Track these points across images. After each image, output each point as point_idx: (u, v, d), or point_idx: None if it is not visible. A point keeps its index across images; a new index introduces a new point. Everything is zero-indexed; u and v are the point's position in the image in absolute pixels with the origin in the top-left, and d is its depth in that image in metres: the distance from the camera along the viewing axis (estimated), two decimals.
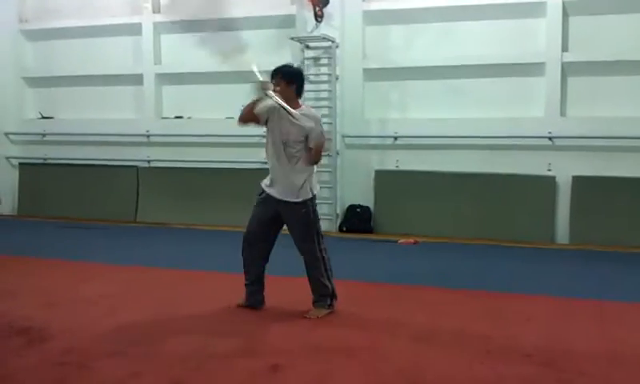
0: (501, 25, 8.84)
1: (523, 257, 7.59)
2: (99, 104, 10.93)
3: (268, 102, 4.77)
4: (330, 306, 4.99)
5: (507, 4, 8.72)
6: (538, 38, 8.66)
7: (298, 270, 5.12)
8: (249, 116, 4.89)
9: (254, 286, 5.08)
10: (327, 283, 4.98)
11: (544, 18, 8.55)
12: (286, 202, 4.84)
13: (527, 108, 8.77)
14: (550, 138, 8.49)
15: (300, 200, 4.83)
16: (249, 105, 4.88)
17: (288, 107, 4.72)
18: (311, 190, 4.90)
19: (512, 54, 8.73)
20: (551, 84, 8.55)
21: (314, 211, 4.95)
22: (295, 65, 9.21)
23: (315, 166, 4.94)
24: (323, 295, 4.98)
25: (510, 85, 8.87)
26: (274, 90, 4.78)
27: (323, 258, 5.00)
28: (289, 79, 4.89)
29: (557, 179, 8.51)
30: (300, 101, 4.99)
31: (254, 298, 5.09)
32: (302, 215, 4.86)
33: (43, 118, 11.32)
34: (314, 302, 5.00)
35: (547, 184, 8.53)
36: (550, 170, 8.52)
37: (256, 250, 5.01)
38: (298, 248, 4.98)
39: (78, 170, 10.86)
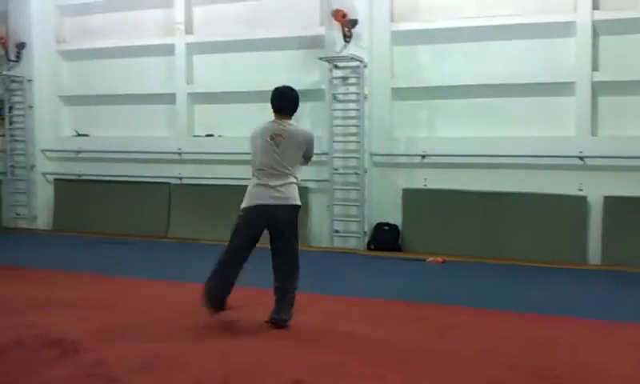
0: (530, 44, 8.82)
1: (553, 278, 7.50)
2: (133, 122, 11.18)
3: None
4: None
5: (536, 24, 8.70)
6: (567, 57, 8.61)
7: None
8: None
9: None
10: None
11: (574, 38, 8.50)
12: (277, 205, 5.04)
13: (558, 127, 8.70)
14: (580, 158, 8.41)
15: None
16: None
17: None
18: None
19: (542, 74, 8.69)
20: (582, 103, 8.48)
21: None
22: (323, 85, 9.39)
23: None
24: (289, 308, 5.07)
25: (540, 104, 8.82)
26: None
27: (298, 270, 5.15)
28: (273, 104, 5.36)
29: (588, 199, 8.40)
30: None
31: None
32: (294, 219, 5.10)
33: (78, 135, 11.60)
34: (282, 316, 5.04)
35: (578, 204, 8.42)
36: (581, 190, 8.42)
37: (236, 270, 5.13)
38: (287, 249, 5.06)
39: (111, 186, 11.10)
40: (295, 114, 5.42)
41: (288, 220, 5.07)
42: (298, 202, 5.14)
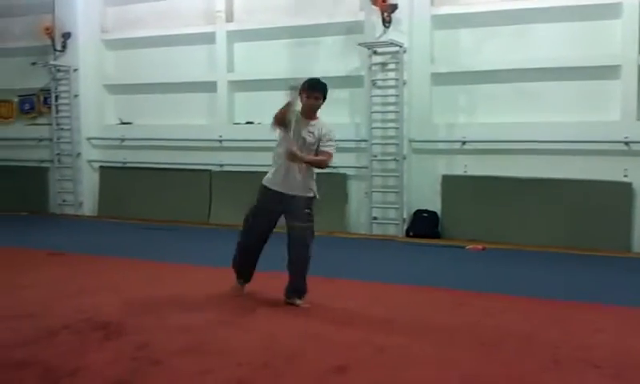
0: (574, 27, 8.64)
1: (596, 266, 7.37)
2: (175, 110, 11.36)
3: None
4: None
5: (581, 5, 8.51)
6: (613, 39, 8.40)
7: (335, 271, 5.14)
8: (282, 120, 5.25)
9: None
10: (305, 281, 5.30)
11: (619, 19, 8.29)
12: (293, 195, 5.25)
13: (602, 112, 8.51)
14: (626, 143, 8.21)
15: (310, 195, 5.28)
16: (283, 109, 5.20)
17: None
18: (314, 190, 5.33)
19: (586, 57, 8.50)
20: (628, 87, 8.28)
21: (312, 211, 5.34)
22: (362, 71, 9.37)
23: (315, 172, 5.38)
24: (297, 290, 5.31)
25: (584, 88, 8.63)
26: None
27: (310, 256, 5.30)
28: (325, 97, 5.37)
29: (633, 186, 8.21)
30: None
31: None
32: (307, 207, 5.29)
33: (122, 123, 11.85)
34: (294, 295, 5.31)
35: (623, 190, 8.24)
36: (626, 176, 8.24)
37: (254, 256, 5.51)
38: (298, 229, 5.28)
39: (154, 173, 11.32)
40: (330, 102, 5.58)
41: None
42: None
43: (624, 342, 4.52)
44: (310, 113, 5.35)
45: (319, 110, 5.40)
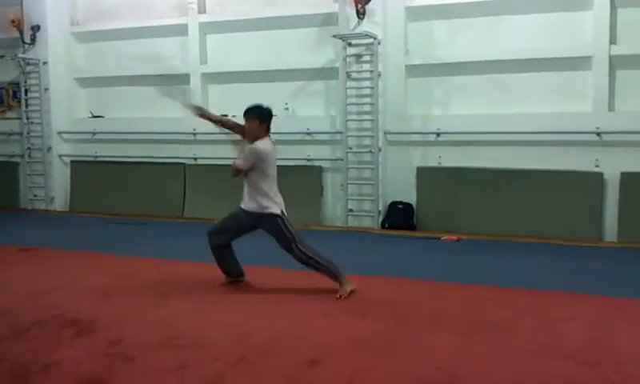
0: (546, 18, 8.69)
1: (569, 255, 7.45)
2: (147, 103, 11.16)
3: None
4: (343, 280, 5.47)
5: None
6: (584, 30, 8.47)
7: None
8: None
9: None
10: (326, 269, 5.49)
11: (591, 11, 8.35)
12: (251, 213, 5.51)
13: (574, 103, 8.58)
14: (597, 134, 8.30)
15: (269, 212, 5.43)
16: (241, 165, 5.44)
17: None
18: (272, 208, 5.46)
19: (558, 48, 8.56)
20: (599, 78, 8.36)
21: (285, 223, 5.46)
22: (337, 63, 9.36)
23: (271, 189, 5.48)
24: (334, 276, 5.48)
25: (556, 79, 8.70)
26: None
27: (308, 255, 5.46)
28: (260, 120, 5.53)
29: (605, 176, 8.31)
30: (269, 135, 5.60)
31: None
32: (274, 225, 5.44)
33: (94, 117, 11.67)
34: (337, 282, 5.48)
35: (595, 180, 8.34)
36: (597, 166, 8.34)
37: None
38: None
39: (127, 167, 11.17)
40: (305, 94, 5.63)
41: None
42: None
43: (599, 331, 4.57)
44: (249, 137, 5.55)
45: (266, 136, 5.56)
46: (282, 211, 5.45)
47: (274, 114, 5.67)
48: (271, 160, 5.49)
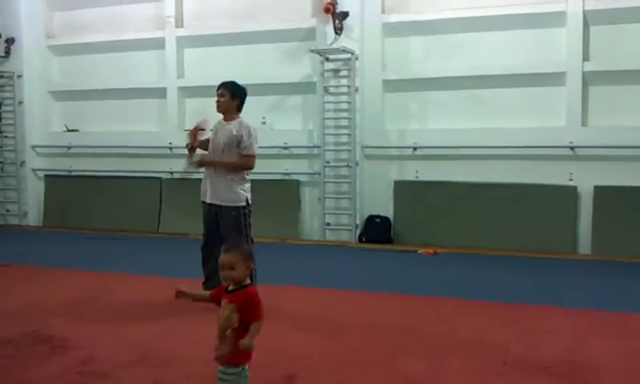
0: (521, 35, 8.81)
1: (544, 268, 7.52)
2: (123, 117, 11.12)
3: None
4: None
5: (527, 14, 8.67)
6: (558, 47, 8.61)
7: (287, 277, 5.14)
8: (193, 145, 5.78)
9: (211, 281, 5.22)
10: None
11: (564, 28, 8.50)
12: (219, 205, 5.35)
13: (548, 118, 8.70)
14: (571, 148, 8.43)
15: (231, 205, 5.30)
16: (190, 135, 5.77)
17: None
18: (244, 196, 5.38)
19: (532, 64, 8.69)
20: (572, 93, 8.49)
21: (246, 217, 5.34)
22: (315, 78, 9.41)
23: (246, 175, 5.45)
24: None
25: (531, 95, 8.82)
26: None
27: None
28: (234, 94, 5.51)
29: (578, 189, 8.43)
30: (240, 114, 5.58)
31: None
32: (233, 218, 5.27)
33: (68, 130, 11.53)
34: None
35: (569, 194, 8.45)
36: (571, 180, 8.45)
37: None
38: None
39: (102, 181, 11.05)
40: (283, 108, 5.64)
41: None
42: None
43: (573, 343, 4.61)
44: (224, 113, 5.51)
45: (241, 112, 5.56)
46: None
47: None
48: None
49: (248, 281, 3.28)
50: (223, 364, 3.09)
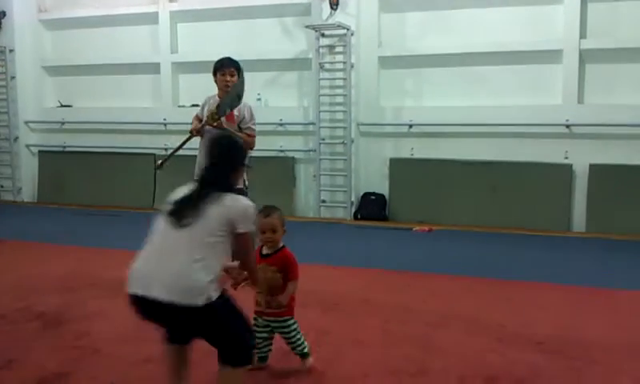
0: (518, 12, 8.74)
1: (539, 245, 7.54)
2: (117, 92, 11.03)
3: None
4: None
5: None
6: (555, 24, 8.54)
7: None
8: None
9: None
10: None
11: (561, 5, 8.43)
12: None
13: (544, 95, 8.67)
14: (567, 126, 8.41)
15: None
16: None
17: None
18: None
19: (529, 41, 8.62)
20: (569, 71, 8.45)
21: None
22: (310, 54, 9.33)
23: None
24: None
25: (528, 72, 8.77)
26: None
27: None
28: (240, 74, 5.47)
29: (574, 167, 8.43)
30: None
31: None
32: None
33: (62, 106, 11.45)
34: None
35: (564, 172, 8.45)
36: (566, 158, 8.45)
37: None
38: None
39: (96, 157, 10.99)
40: (278, 85, 5.52)
41: None
42: None
43: (567, 319, 4.64)
44: (225, 91, 5.42)
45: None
46: None
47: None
48: None
49: (282, 243, 3.51)
50: (277, 319, 3.55)
